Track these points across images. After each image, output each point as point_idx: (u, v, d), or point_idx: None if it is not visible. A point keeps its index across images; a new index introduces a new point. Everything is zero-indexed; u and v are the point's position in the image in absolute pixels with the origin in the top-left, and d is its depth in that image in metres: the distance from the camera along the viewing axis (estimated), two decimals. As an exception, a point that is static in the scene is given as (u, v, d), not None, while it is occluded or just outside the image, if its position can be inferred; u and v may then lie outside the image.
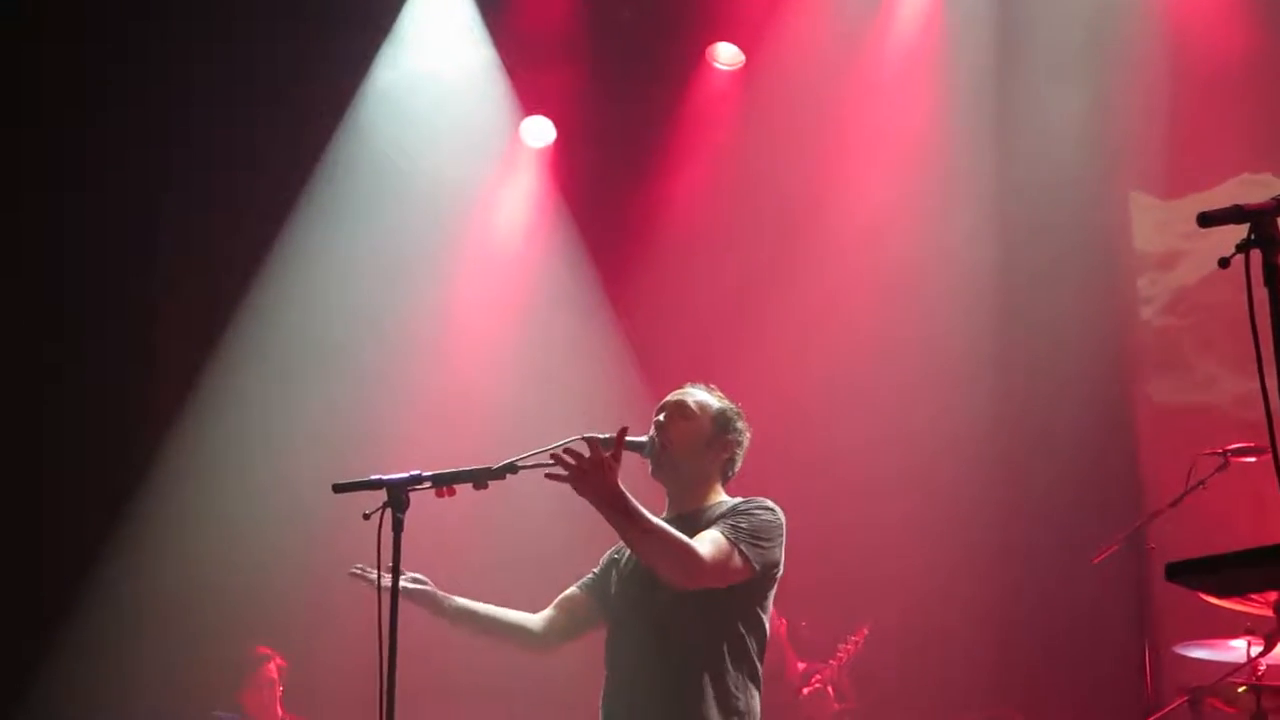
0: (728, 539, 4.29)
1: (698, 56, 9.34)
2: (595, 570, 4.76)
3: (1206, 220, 3.02)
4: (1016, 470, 8.22)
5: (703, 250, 9.02)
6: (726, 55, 9.32)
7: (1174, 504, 6.55)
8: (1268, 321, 2.94)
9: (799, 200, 8.88)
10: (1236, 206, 3.02)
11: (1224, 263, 3.01)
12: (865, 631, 7.11)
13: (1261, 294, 2.97)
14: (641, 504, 4.12)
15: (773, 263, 8.87)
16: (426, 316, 9.01)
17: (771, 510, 4.48)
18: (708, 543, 4.25)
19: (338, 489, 4.23)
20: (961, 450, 8.24)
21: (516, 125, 9.40)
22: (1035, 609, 7.95)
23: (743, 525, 4.36)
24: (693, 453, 4.58)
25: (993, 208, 8.59)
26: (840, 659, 7.00)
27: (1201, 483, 6.39)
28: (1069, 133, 8.20)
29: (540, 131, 9.43)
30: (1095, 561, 6.72)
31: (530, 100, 9.36)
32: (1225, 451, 6.37)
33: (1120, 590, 7.01)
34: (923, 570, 8.07)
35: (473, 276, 9.22)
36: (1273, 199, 3.05)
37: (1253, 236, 2.99)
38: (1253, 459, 6.30)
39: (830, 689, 6.92)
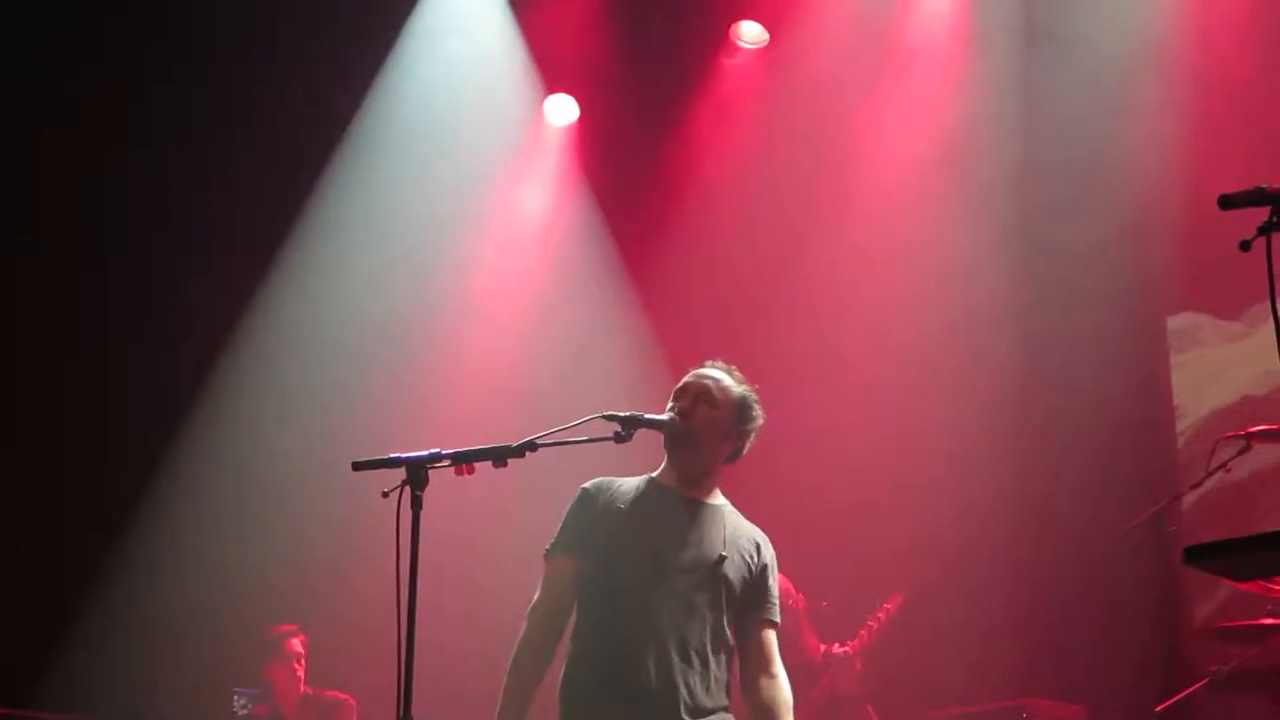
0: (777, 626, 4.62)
1: (722, 34, 9.31)
2: (577, 525, 4.58)
3: (1228, 203, 3.00)
4: (1040, 454, 8.19)
5: (724, 229, 9.00)
6: (751, 34, 9.29)
7: (1196, 486, 6.52)
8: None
9: (822, 181, 8.85)
10: (1259, 188, 3.01)
11: (1245, 245, 3.00)
12: (899, 599, 7.07)
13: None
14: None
15: (795, 243, 8.84)
16: (448, 296, 9.02)
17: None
18: (781, 668, 4.55)
19: (357, 466, 4.23)
20: (984, 436, 8.21)
21: (540, 103, 9.38)
22: (1056, 595, 7.92)
23: (777, 602, 4.64)
24: (712, 441, 4.63)
25: (1015, 193, 8.55)
26: (873, 626, 6.97)
27: (1224, 466, 6.35)
28: (1090, 120, 8.14)
29: (563, 109, 9.42)
30: (1121, 535, 6.72)
31: (554, 78, 9.34)
32: (1248, 434, 6.32)
33: (1142, 574, 6.99)
34: (943, 554, 8.06)
35: (494, 255, 9.22)
36: (1295, 181, 3.03)
37: (1274, 219, 2.98)
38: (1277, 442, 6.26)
39: (858, 663, 6.88)
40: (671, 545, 4.49)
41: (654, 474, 4.69)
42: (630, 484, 4.66)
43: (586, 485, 4.65)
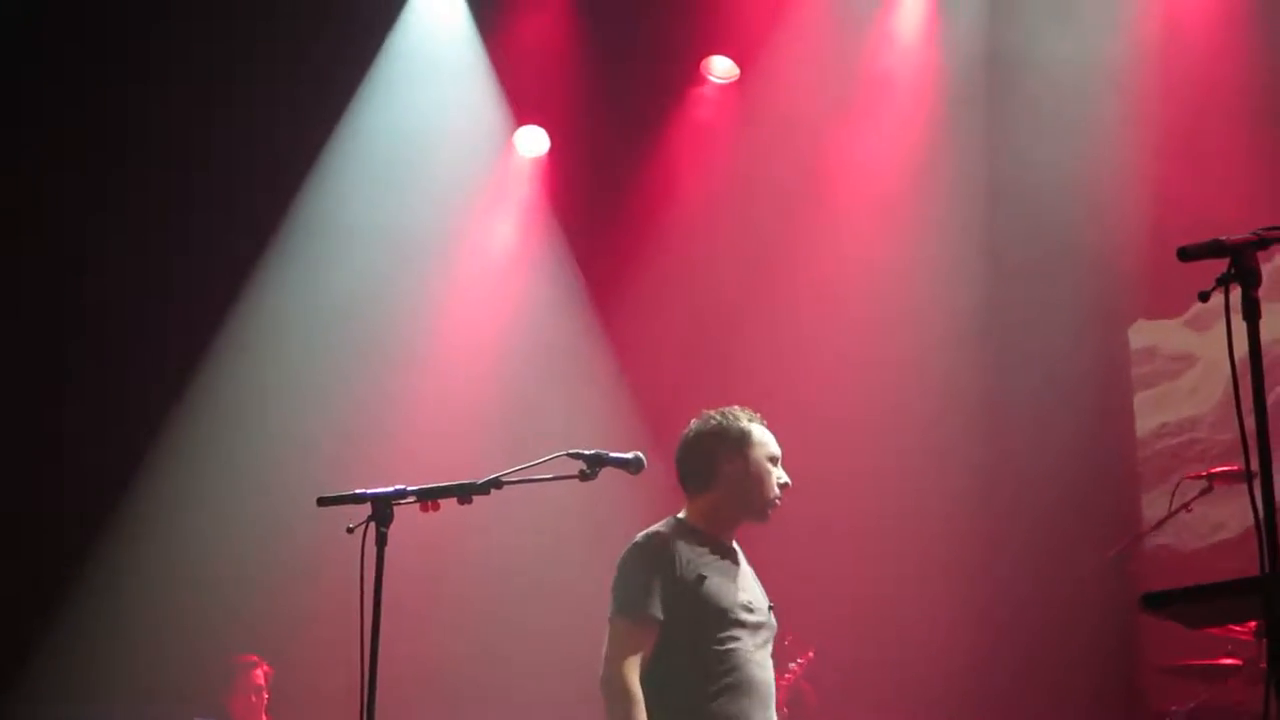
0: None
1: (693, 69, 9.35)
2: (654, 586, 4.41)
3: (1186, 255, 3.04)
4: (1001, 491, 8.22)
5: (692, 264, 9.02)
6: (721, 69, 9.33)
7: (1158, 526, 6.57)
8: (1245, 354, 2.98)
9: (790, 214, 8.88)
10: (1217, 240, 3.04)
11: (1204, 296, 3.03)
12: (810, 655, 7.08)
13: (1240, 326, 3.01)
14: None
15: (762, 278, 8.86)
16: (415, 328, 9.00)
17: None
18: None
19: (322, 502, 4.24)
20: (946, 473, 8.24)
21: (510, 134, 9.39)
22: (1016, 634, 7.94)
23: None
24: None
25: (982, 224, 8.61)
26: (788, 680, 6.97)
27: (1185, 506, 6.39)
28: (1057, 162, 8.21)
29: (534, 141, 9.43)
30: (1082, 575, 6.76)
31: (525, 110, 9.36)
32: (1210, 475, 6.37)
33: (1103, 613, 7.02)
34: (902, 593, 8.06)
35: (462, 288, 9.20)
36: (1252, 233, 3.07)
37: (1232, 271, 3.01)
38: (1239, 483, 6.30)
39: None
40: (744, 602, 4.51)
41: (691, 521, 4.60)
42: (681, 536, 4.53)
43: (650, 543, 4.49)
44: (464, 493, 4.25)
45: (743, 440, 4.66)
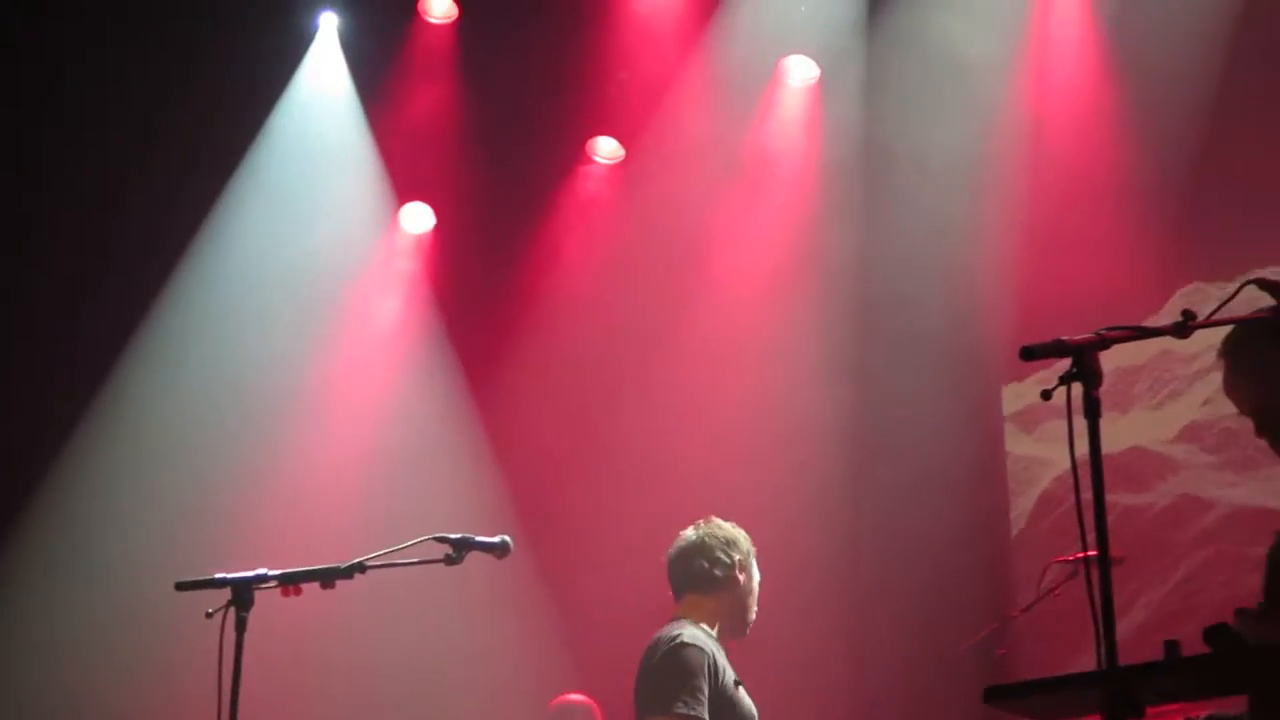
0: None
1: (578, 149, 9.42)
2: (704, 689, 4.63)
3: (1029, 354, 3.11)
4: (870, 571, 8.28)
5: (574, 342, 9.01)
6: (607, 149, 9.41)
7: (1026, 610, 6.64)
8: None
9: (673, 294, 8.94)
10: (1059, 340, 3.12)
11: (1046, 395, 3.11)
12: None
13: (1081, 424, 3.08)
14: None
15: (643, 357, 8.88)
16: (291, 405, 8.87)
17: None
18: None
19: (180, 587, 4.21)
20: (819, 548, 8.27)
21: (395, 210, 9.37)
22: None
23: None
24: None
25: (858, 300, 8.71)
26: None
27: (1052, 590, 6.47)
28: (931, 243, 8.39)
29: (419, 218, 9.42)
30: (949, 658, 6.81)
31: (410, 187, 9.36)
32: (1076, 560, 6.45)
33: (968, 698, 7.06)
34: (770, 680, 8.03)
35: (340, 365, 9.09)
36: (1094, 333, 3.15)
37: (1074, 370, 3.09)
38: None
39: None
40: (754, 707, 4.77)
41: (706, 625, 4.85)
42: (713, 641, 4.79)
43: (696, 644, 4.69)
44: (326, 578, 4.23)
45: (750, 555, 5.00)
